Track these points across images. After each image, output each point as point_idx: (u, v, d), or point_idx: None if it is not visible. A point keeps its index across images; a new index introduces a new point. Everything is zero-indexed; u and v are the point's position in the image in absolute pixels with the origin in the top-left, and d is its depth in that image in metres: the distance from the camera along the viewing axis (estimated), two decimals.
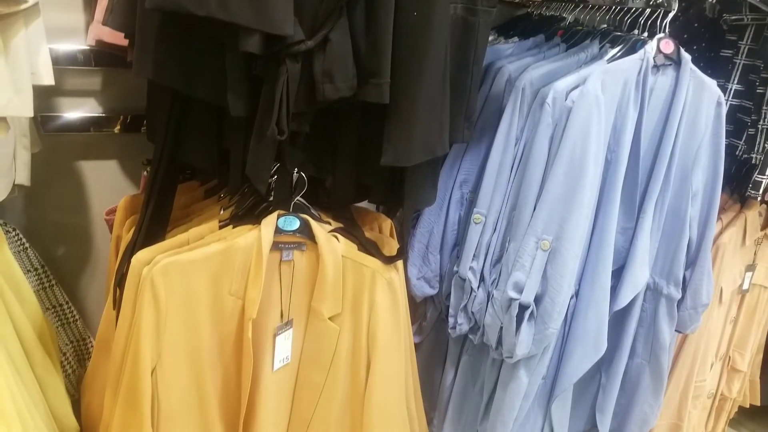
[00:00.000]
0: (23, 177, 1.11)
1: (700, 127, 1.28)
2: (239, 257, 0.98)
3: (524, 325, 1.17)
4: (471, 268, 1.27)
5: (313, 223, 1.02)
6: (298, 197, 1.04)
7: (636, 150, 1.22)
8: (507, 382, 1.25)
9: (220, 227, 1.05)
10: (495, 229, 1.26)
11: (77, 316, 1.31)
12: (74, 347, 1.31)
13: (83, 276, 1.40)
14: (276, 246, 1.02)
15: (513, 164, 1.24)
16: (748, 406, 2.00)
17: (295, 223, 1.01)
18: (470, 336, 1.33)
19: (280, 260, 1.03)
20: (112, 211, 1.25)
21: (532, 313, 1.17)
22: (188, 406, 1.01)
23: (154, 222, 1.05)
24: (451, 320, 1.33)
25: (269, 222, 0.99)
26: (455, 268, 1.31)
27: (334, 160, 1.04)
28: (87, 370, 1.19)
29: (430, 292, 1.38)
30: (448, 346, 1.41)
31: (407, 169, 1.02)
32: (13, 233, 1.19)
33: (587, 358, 1.24)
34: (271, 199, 1.05)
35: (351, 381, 1.12)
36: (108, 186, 1.36)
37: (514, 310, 1.17)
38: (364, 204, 1.24)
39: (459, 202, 1.33)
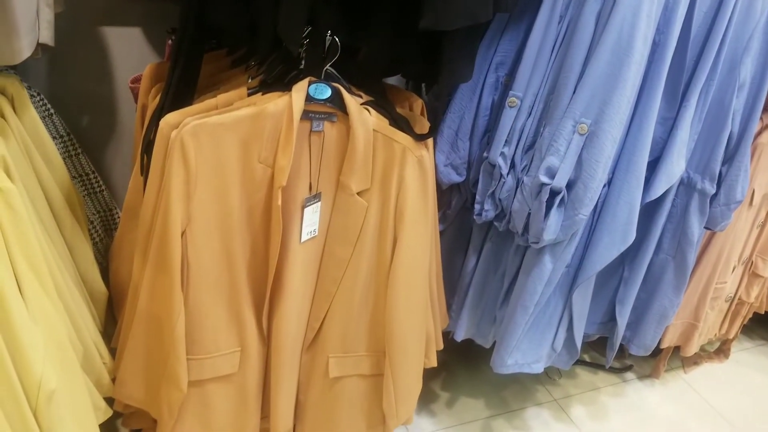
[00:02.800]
0: (47, 36, 1.07)
1: (755, 12, 1.20)
2: (269, 123, 0.95)
3: (554, 210, 1.15)
4: (502, 153, 1.24)
5: (345, 93, 0.99)
6: (329, 66, 1.00)
7: (686, 33, 1.15)
8: (530, 268, 1.25)
9: (249, 94, 1.02)
10: (530, 114, 1.21)
11: (103, 186, 1.30)
12: (101, 217, 1.32)
13: (108, 146, 1.38)
14: (306, 115, 0.99)
15: (555, 44, 1.17)
16: (763, 312, 2.01)
17: (327, 92, 0.98)
18: (495, 223, 1.32)
19: (310, 131, 1.01)
20: (137, 79, 1.21)
21: (562, 198, 1.15)
22: (217, 270, 1.02)
23: (182, 86, 1.02)
24: (477, 207, 1.31)
25: (300, 88, 0.96)
26: (485, 155, 1.28)
27: (369, 25, 0.98)
28: (114, 237, 1.20)
29: (457, 179, 1.35)
30: (472, 233, 1.40)
31: (445, 39, 0.97)
32: (38, 98, 1.17)
33: (614, 247, 1.23)
34: (301, 67, 1.01)
35: (376, 257, 1.12)
36: (132, 54, 1.31)
37: (545, 195, 1.15)
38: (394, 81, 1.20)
39: (493, 86, 1.28)
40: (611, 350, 1.50)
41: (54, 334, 0.93)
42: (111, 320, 1.25)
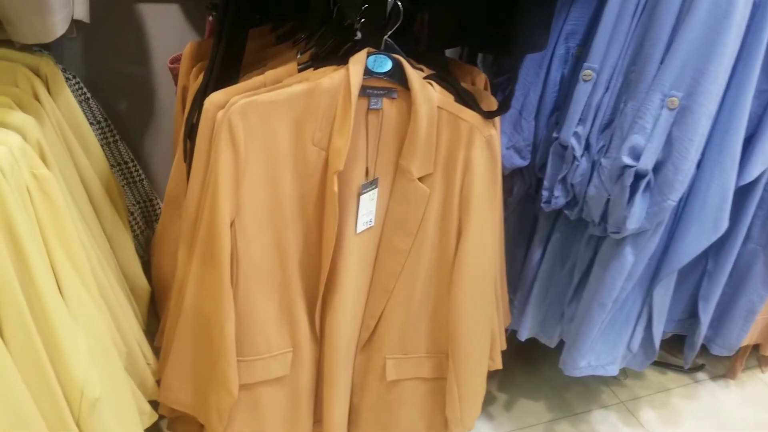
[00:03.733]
0: (82, 12, 1.00)
1: None
2: (324, 101, 0.86)
3: (638, 196, 1.03)
4: (575, 133, 1.11)
5: (407, 66, 0.88)
6: (388, 36, 0.90)
7: None
8: (609, 261, 1.13)
9: (300, 70, 0.92)
10: (607, 88, 1.09)
11: (143, 175, 1.23)
12: (141, 207, 1.24)
13: (147, 133, 1.31)
14: (363, 91, 0.89)
15: (636, 8, 1.04)
16: None
17: (387, 64, 0.87)
18: (566, 211, 1.20)
19: (367, 108, 0.91)
20: (177, 59, 1.13)
21: (649, 182, 1.03)
22: (269, 264, 0.94)
23: (227, 64, 0.93)
24: (545, 194, 1.19)
25: (358, 60, 0.85)
26: (554, 135, 1.16)
27: None
28: (156, 229, 1.12)
29: (521, 163, 1.24)
30: (538, 222, 1.28)
31: (518, 3, 0.86)
32: (73, 81, 1.10)
33: (703, 237, 1.10)
34: (356, 38, 0.91)
35: (439, 250, 1.02)
36: (171, 32, 1.23)
37: (628, 179, 1.02)
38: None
39: (563, 59, 1.15)
40: (691, 350, 1.37)
41: (96, 334, 0.86)
42: (153, 317, 1.18)
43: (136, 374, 1.01)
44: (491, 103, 1.01)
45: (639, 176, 1.02)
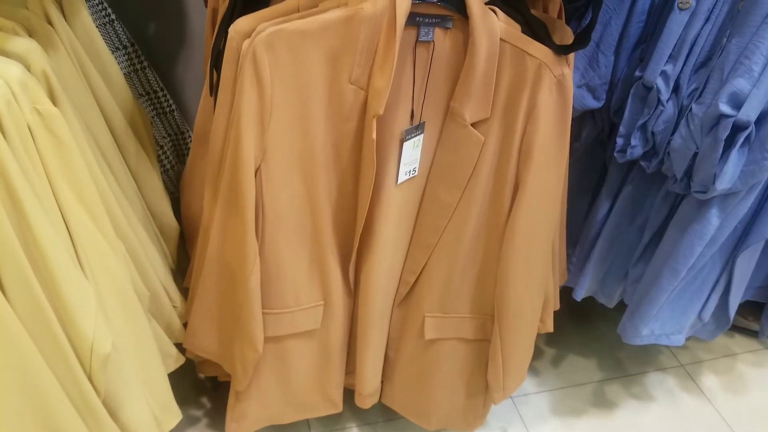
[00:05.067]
0: None
1: None
2: (364, 31, 0.73)
3: (734, 152, 0.87)
4: (663, 72, 0.95)
5: None
6: None
7: None
8: (688, 222, 0.99)
9: None
10: (708, 19, 0.91)
11: (174, 106, 1.14)
12: (172, 140, 1.16)
13: (178, 58, 1.20)
14: (412, 20, 0.75)
15: None
16: None
17: None
18: (642, 162, 1.04)
19: (416, 41, 0.77)
20: None
21: (749, 136, 0.86)
22: (298, 214, 0.84)
23: None
24: (620, 141, 1.04)
25: None
26: (637, 74, 0.99)
27: None
28: (186, 166, 1.04)
29: (593, 104, 1.08)
30: (608, 173, 1.14)
31: None
32: (96, 0, 1.00)
33: None
34: None
35: (490, 205, 0.90)
36: None
37: (724, 131, 0.86)
38: None
39: None
40: None
41: (113, 278, 0.80)
42: (184, 256, 1.12)
43: (162, 317, 0.96)
44: (566, 34, 0.85)
45: (738, 128, 0.86)
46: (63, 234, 0.71)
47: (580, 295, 1.24)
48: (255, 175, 0.78)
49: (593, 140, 1.16)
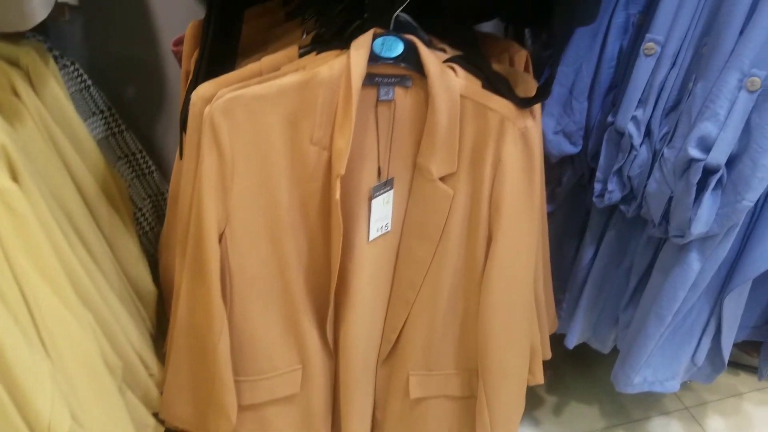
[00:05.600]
0: None
1: None
2: (322, 93, 0.73)
3: (707, 195, 0.86)
4: (634, 117, 0.94)
5: (422, 48, 0.74)
6: (400, 11, 0.75)
7: None
8: (670, 267, 0.97)
9: (301, 55, 0.79)
10: (674, 64, 0.91)
11: (153, 167, 1.14)
12: (152, 201, 1.16)
13: (157, 120, 1.22)
14: (371, 80, 0.75)
15: None
16: None
17: (398, 47, 0.73)
18: (622, 207, 1.03)
19: (377, 100, 0.77)
20: (180, 41, 1.02)
21: (720, 179, 0.85)
22: (268, 277, 0.83)
23: (219, 48, 0.81)
24: (597, 186, 1.03)
25: (362, 44, 0.72)
26: (609, 119, 0.99)
27: None
28: (163, 228, 1.04)
29: (571, 150, 1.07)
30: (590, 217, 1.12)
31: None
32: (71, 68, 1.01)
33: None
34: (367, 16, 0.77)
35: (466, 258, 0.89)
36: (178, 10, 1.11)
37: (695, 175, 0.85)
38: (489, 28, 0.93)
39: (622, 28, 0.98)
40: (767, 361, 1.19)
41: (79, 351, 0.79)
42: (166, 319, 1.11)
43: (138, 387, 0.94)
44: (530, 87, 0.86)
45: (708, 172, 0.85)
46: (19, 310, 0.70)
47: (572, 342, 1.22)
48: (220, 241, 0.77)
49: (575, 185, 1.15)
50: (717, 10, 0.84)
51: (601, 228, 1.11)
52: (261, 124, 0.73)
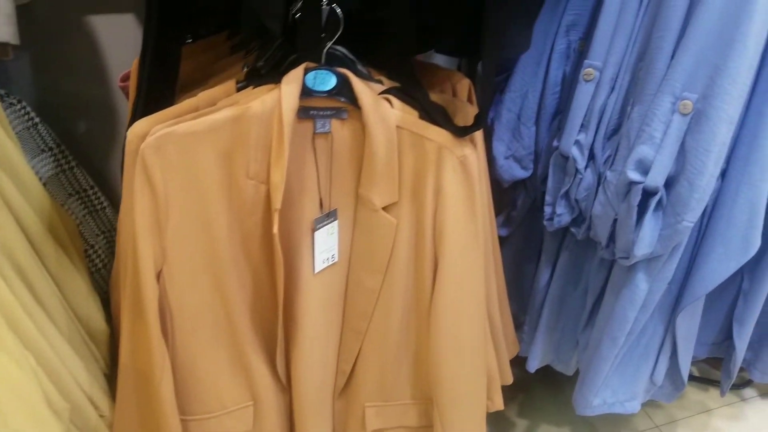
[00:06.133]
0: (8, 34, 0.90)
1: None
2: (255, 128, 0.73)
3: (648, 217, 0.87)
4: (577, 142, 0.96)
5: (356, 81, 0.75)
6: (333, 44, 0.76)
7: None
8: (619, 288, 0.97)
9: (238, 89, 0.80)
10: (613, 89, 0.92)
11: (105, 203, 1.14)
12: (106, 237, 1.15)
13: (109, 156, 1.21)
14: (306, 113, 0.76)
15: None
16: None
17: (330, 81, 0.74)
18: (573, 229, 1.04)
19: (314, 132, 0.78)
20: (127, 77, 1.02)
21: (660, 201, 0.86)
22: (210, 314, 0.82)
23: (155, 84, 0.82)
24: (547, 210, 1.04)
25: (292, 78, 0.73)
26: (555, 143, 1.00)
27: None
28: (114, 265, 1.03)
29: (522, 174, 1.09)
30: (544, 240, 1.13)
31: None
32: (18, 106, 1.01)
33: (731, 259, 0.93)
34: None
35: (415, 287, 0.89)
36: (127, 45, 1.12)
37: (635, 198, 0.86)
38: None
39: (564, 55, 0.99)
40: (727, 378, 1.19)
41: (19, 395, 0.77)
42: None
43: (87, 429, 0.92)
44: (471, 115, 0.86)
45: (648, 194, 0.86)
46: None
47: (533, 365, 1.21)
48: (158, 279, 0.77)
49: (530, 208, 1.16)
50: (649, 35, 0.86)
51: (555, 250, 1.12)
52: (194, 161, 0.73)
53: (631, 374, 1.08)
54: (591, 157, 0.96)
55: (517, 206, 1.16)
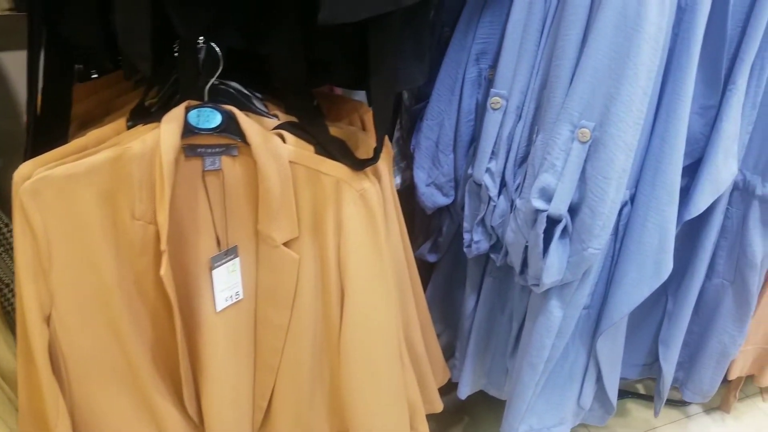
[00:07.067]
0: None
1: None
2: (137, 168, 0.72)
3: (554, 244, 0.86)
4: (488, 169, 0.96)
5: (242, 117, 0.74)
6: (225, 79, 0.75)
7: None
8: (535, 315, 0.97)
9: (129, 127, 0.78)
10: (520, 117, 0.93)
11: None
12: None
13: None
14: (194, 151, 0.74)
15: (544, 23, 0.88)
16: None
17: (215, 118, 0.73)
18: (492, 255, 1.04)
19: (203, 170, 0.76)
20: None
21: (565, 228, 0.86)
22: (106, 356, 0.80)
23: (44, 123, 0.79)
24: (466, 237, 1.04)
25: (173, 117, 0.71)
26: (469, 171, 1.00)
27: (268, 20, 0.73)
28: None
29: (443, 201, 1.08)
30: (468, 266, 1.13)
31: (370, 31, 0.70)
32: None
33: (644, 283, 0.93)
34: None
35: (324, 321, 0.87)
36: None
37: (541, 225, 0.86)
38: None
39: (475, 83, 1.00)
40: (659, 399, 1.19)
41: None
42: None
43: None
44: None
45: (553, 221, 0.86)
46: None
47: (464, 392, 1.20)
48: (48, 323, 0.74)
49: (455, 233, 1.16)
50: (549, 65, 0.86)
51: (480, 276, 1.11)
52: (73, 204, 0.71)
53: (557, 400, 1.07)
54: (503, 184, 0.96)
55: (443, 232, 1.16)
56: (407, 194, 1.13)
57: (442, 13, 1.03)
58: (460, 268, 1.19)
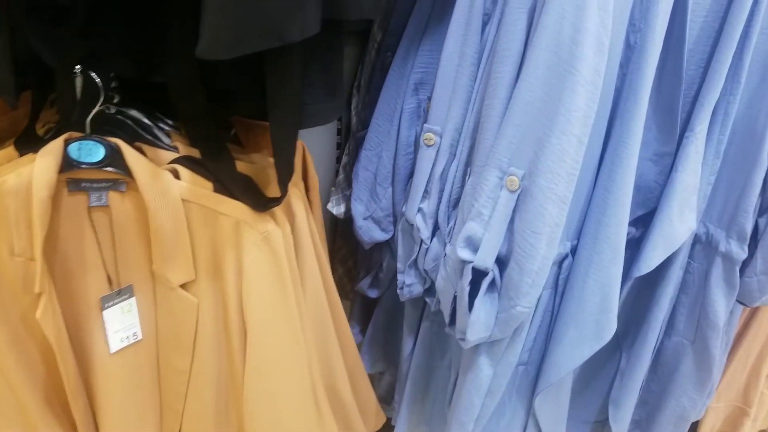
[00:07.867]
0: None
1: None
2: (12, 204, 0.66)
3: (480, 299, 0.79)
4: (420, 210, 0.89)
5: (128, 151, 0.67)
6: (124, 107, 0.69)
7: (680, 26, 0.76)
8: (465, 371, 0.90)
9: (21, 155, 0.72)
10: (454, 156, 0.86)
11: None
12: None
13: None
14: (77, 185, 0.69)
15: (481, 56, 0.81)
16: None
17: (98, 152, 0.67)
18: (427, 299, 0.97)
19: (89, 206, 0.70)
20: None
21: (493, 282, 0.79)
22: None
23: None
24: (400, 278, 0.97)
25: (50, 150, 0.65)
26: (402, 209, 0.93)
27: (161, 47, 0.67)
28: None
29: (381, 236, 1.01)
30: (405, 307, 1.06)
31: (266, 63, 0.64)
32: None
33: (584, 344, 0.85)
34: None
35: (228, 366, 0.81)
36: None
37: (466, 277, 0.79)
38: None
39: (414, 114, 0.93)
40: None
41: None
42: None
43: None
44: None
45: (480, 274, 0.79)
46: None
47: None
48: None
49: (396, 270, 1.09)
50: (483, 103, 0.79)
51: (417, 319, 1.04)
52: None
53: None
54: (436, 226, 0.89)
55: (383, 268, 1.09)
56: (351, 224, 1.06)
57: (387, 37, 0.96)
58: (400, 306, 1.12)
